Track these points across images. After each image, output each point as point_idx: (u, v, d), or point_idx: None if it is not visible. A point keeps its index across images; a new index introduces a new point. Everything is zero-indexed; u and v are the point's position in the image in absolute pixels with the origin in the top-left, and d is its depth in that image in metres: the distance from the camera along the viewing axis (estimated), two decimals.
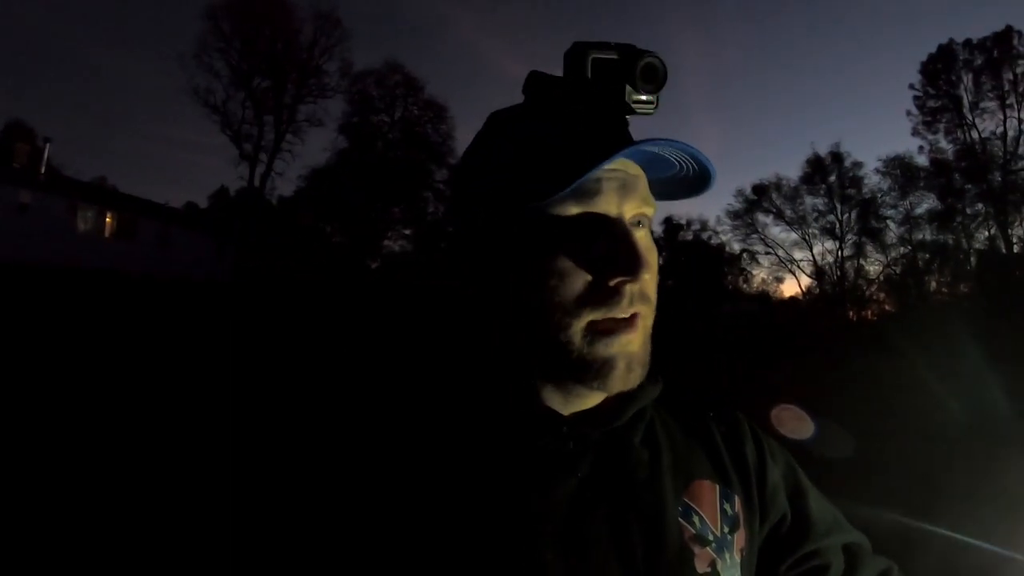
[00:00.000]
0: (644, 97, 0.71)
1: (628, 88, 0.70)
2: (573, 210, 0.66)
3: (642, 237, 0.69)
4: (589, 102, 0.71)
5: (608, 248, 0.66)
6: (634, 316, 0.67)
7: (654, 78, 0.71)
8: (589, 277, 0.66)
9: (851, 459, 5.99)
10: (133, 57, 75.07)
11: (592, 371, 0.67)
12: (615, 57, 0.70)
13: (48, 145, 26.59)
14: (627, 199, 0.68)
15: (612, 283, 0.66)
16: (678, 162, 0.70)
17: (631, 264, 0.65)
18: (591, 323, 0.66)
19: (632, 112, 0.72)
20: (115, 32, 72.25)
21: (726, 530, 0.76)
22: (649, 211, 0.71)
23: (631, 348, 0.68)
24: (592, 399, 0.74)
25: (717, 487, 0.78)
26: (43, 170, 25.37)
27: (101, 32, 71.04)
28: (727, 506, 0.78)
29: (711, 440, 0.83)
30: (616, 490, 0.71)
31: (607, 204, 0.67)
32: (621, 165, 0.68)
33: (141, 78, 72.87)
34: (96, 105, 72.94)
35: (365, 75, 40.18)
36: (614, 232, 0.67)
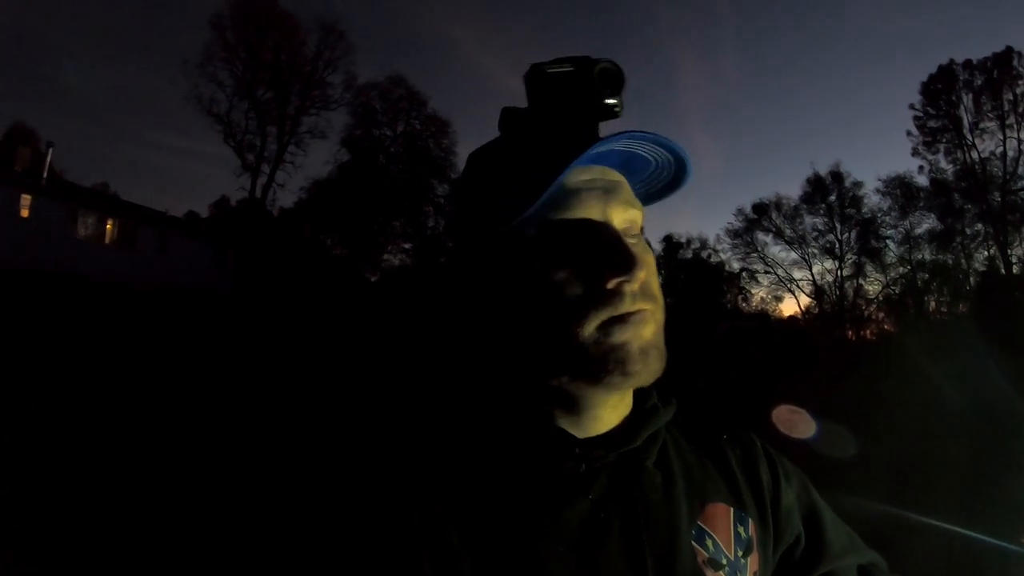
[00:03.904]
0: (608, 102, 0.73)
1: (590, 96, 0.72)
2: (560, 223, 0.68)
3: (634, 243, 0.70)
4: (552, 117, 0.72)
5: (600, 251, 0.67)
6: (641, 311, 0.68)
7: (611, 82, 0.72)
8: (587, 282, 0.67)
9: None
10: (137, 64, 75.21)
11: (611, 361, 0.67)
12: (570, 69, 0.72)
13: (51, 150, 26.51)
14: (611, 205, 0.69)
15: (610, 285, 0.66)
16: (652, 157, 0.72)
17: (624, 263, 0.66)
18: (600, 324, 0.67)
19: (607, 116, 0.73)
20: (120, 39, 72.48)
21: (739, 553, 0.76)
22: (636, 215, 0.72)
23: (643, 332, 0.68)
24: (606, 419, 0.75)
25: (731, 510, 0.79)
26: (45, 175, 25.27)
27: (106, 39, 71.21)
28: (741, 529, 0.78)
29: (725, 462, 0.84)
30: (629, 513, 0.71)
31: (591, 211, 0.68)
32: (600, 173, 0.70)
33: (144, 85, 72.91)
34: (98, 111, 72.99)
35: (369, 88, 40.28)
36: (603, 235, 0.68)
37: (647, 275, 0.69)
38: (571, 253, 0.68)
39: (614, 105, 0.73)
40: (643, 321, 0.68)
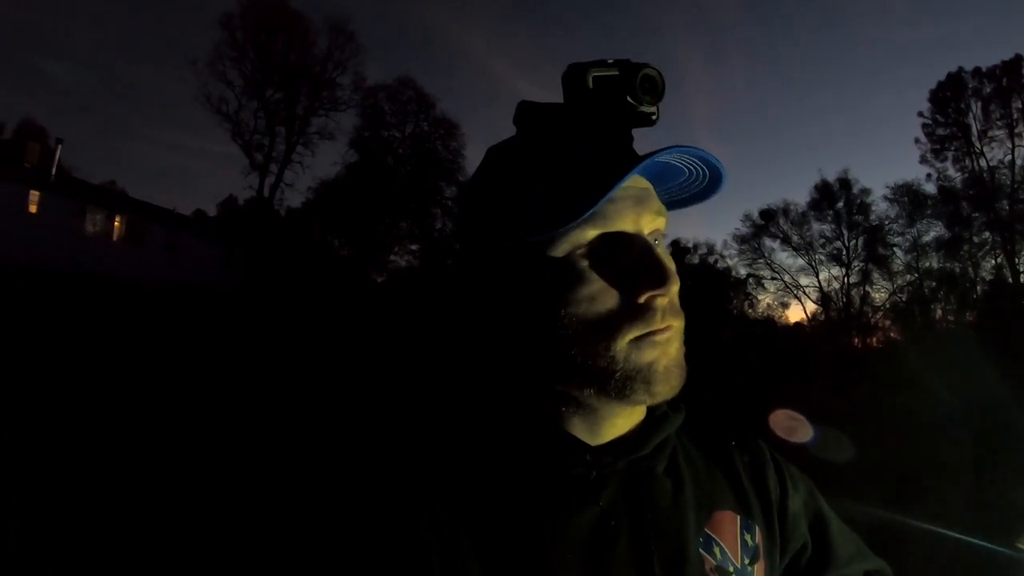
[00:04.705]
0: (647, 109, 0.71)
1: (630, 102, 0.70)
2: (592, 233, 0.66)
3: (661, 253, 0.69)
4: (595, 122, 0.70)
5: (633, 265, 0.66)
6: (668, 327, 0.67)
7: (653, 89, 0.71)
8: (619, 296, 0.66)
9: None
10: (146, 62, 75.60)
11: (637, 380, 0.66)
12: (616, 73, 0.70)
13: (60, 146, 26.62)
14: (642, 214, 0.68)
15: (642, 299, 0.66)
16: (687, 168, 0.70)
17: (659, 277, 0.65)
18: (631, 340, 0.66)
19: (643, 123, 0.72)
20: (129, 37, 72.89)
21: (746, 561, 0.76)
22: (663, 224, 0.71)
23: (670, 350, 0.68)
24: (619, 426, 0.74)
25: (738, 518, 0.78)
26: (54, 171, 25.38)
27: (115, 37, 71.65)
28: (748, 537, 0.78)
29: (733, 470, 0.83)
30: (638, 520, 0.71)
31: (624, 222, 0.67)
32: (632, 181, 0.68)
33: (153, 83, 73.43)
34: (107, 108, 73.31)
35: (378, 90, 40.34)
36: (637, 248, 0.67)
37: (677, 287, 0.69)
38: (606, 266, 0.66)
39: (652, 113, 0.71)
40: (670, 339, 0.68)
